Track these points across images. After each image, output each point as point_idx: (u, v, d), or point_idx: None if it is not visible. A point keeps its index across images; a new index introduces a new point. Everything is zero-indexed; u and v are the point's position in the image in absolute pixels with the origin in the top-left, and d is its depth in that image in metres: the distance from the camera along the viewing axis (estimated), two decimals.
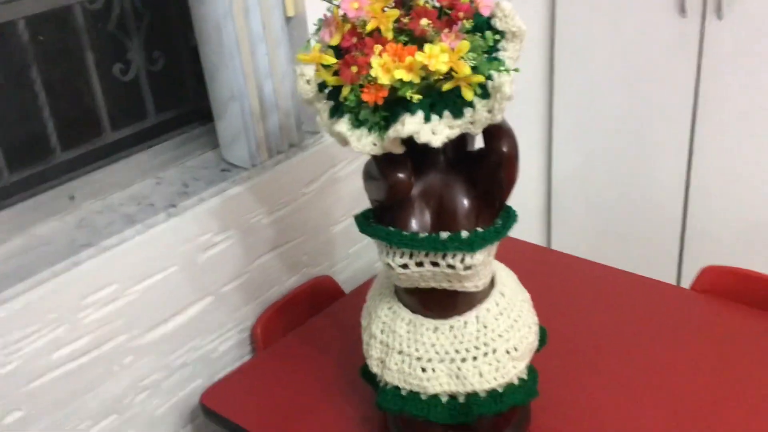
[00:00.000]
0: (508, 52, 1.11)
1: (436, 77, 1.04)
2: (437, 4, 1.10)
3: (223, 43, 1.53)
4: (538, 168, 2.62)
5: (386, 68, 1.03)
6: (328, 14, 1.11)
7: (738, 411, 1.38)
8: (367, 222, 1.24)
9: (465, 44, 1.02)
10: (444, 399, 1.29)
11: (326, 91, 1.15)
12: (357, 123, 1.09)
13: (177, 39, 1.81)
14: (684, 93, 2.22)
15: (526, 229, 2.61)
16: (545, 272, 1.82)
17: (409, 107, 1.05)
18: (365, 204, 1.27)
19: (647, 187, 2.40)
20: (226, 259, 1.65)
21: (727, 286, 1.72)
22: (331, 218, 1.88)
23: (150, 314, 1.53)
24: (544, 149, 2.61)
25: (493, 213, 1.22)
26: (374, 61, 1.03)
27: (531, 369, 1.36)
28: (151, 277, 1.52)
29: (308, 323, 1.74)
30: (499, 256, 1.32)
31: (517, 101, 1.18)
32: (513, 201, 1.24)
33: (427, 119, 1.06)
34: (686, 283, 2.38)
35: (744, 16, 2.03)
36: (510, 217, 1.24)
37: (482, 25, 1.10)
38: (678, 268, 2.44)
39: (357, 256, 1.98)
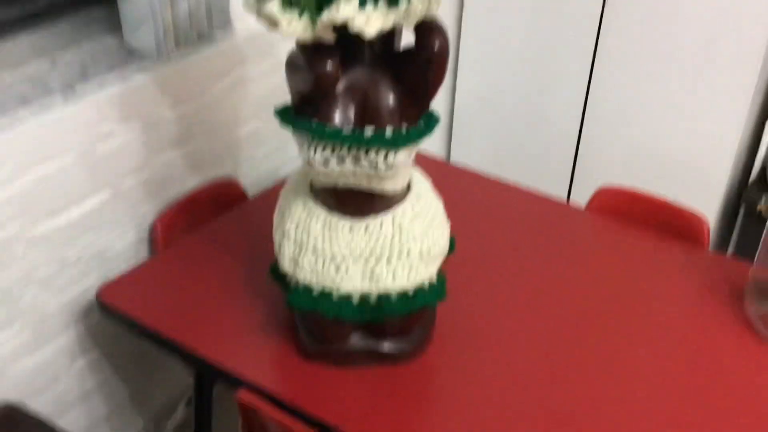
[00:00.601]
0: None
1: None
2: None
3: None
4: (444, 82, 2.62)
5: None
6: None
7: (626, 320, 1.47)
8: (288, 114, 1.20)
9: None
10: (356, 298, 1.30)
11: None
12: (288, 5, 1.04)
13: None
14: (588, 22, 2.27)
15: (426, 143, 2.63)
16: (445, 185, 1.84)
17: None
18: (275, 105, 1.22)
19: (547, 110, 2.46)
20: (127, 151, 1.57)
21: (617, 206, 1.80)
22: (239, 119, 1.81)
23: (45, 203, 1.44)
24: (450, 65, 2.61)
25: (417, 113, 1.21)
26: None
27: (440, 273, 1.38)
28: (45, 162, 1.42)
29: (210, 224, 1.69)
30: None
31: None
32: None
33: (362, 5, 1.02)
34: (576, 199, 2.49)
35: None
36: (432, 119, 1.23)
37: None
38: (569, 186, 2.54)
39: (262, 161, 1.93)
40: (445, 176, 1.89)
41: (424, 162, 1.92)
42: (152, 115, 1.59)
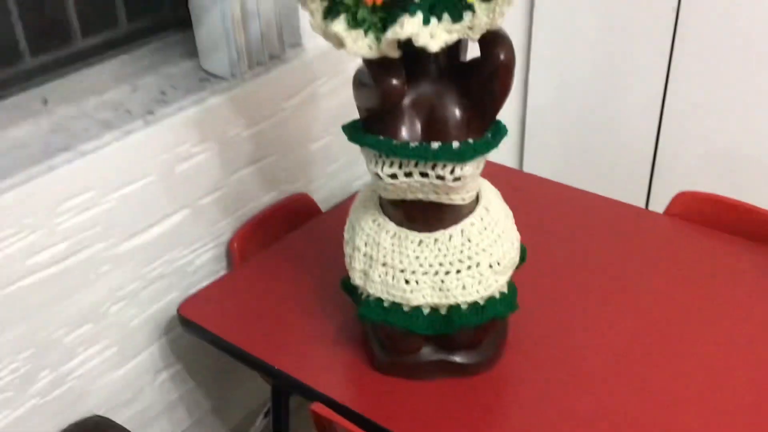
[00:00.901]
0: None
1: None
2: None
3: None
4: (514, 92, 2.61)
5: None
6: None
7: (710, 331, 1.42)
8: (356, 130, 1.22)
9: None
10: (426, 311, 1.30)
11: None
12: (353, 23, 1.06)
13: None
14: (664, 20, 2.22)
15: (498, 152, 2.62)
16: (518, 194, 1.82)
17: (408, 8, 1.03)
18: (345, 121, 1.25)
19: (622, 113, 2.41)
20: (204, 171, 1.62)
21: (698, 211, 1.75)
22: (311, 135, 1.85)
23: (127, 223, 1.50)
24: (521, 73, 2.60)
25: (483, 125, 1.21)
26: None
27: (511, 284, 1.37)
28: (128, 185, 1.48)
29: (285, 239, 1.73)
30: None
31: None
32: None
33: (426, 22, 1.03)
34: (654, 207, 2.43)
35: None
36: (500, 130, 1.23)
37: None
38: (647, 193, 2.48)
39: (335, 175, 1.96)
40: (518, 184, 1.88)
41: (496, 171, 1.90)
42: (227, 135, 1.64)
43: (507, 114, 2.54)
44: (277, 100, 1.73)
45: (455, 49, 1.20)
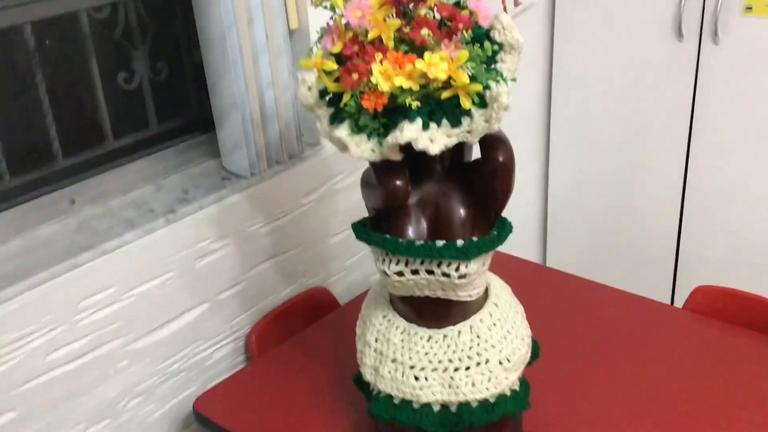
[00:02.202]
0: (506, 64, 1.13)
1: (435, 85, 1.06)
2: (438, 15, 1.12)
3: (227, 52, 1.56)
4: (534, 186, 2.64)
5: (386, 75, 1.05)
6: (331, 22, 1.14)
7: (730, 427, 1.39)
8: (364, 229, 1.26)
9: (464, 53, 1.04)
10: (436, 408, 1.30)
11: (327, 98, 1.17)
12: (356, 129, 1.11)
13: (180, 51, 1.83)
14: (680, 115, 2.25)
15: (522, 246, 2.63)
16: (540, 289, 1.83)
17: (408, 115, 1.07)
18: (362, 216, 1.29)
19: (643, 207, 2.42)
20: (223, 266, 1.67)
21: (717, 306, 1.73)
22: (328, 230, 1.89)
23: (146, 319, 1.54)
24: (540, 167, 2.63)
25: (488, 223, 1.24)
26: (375, 68, 1.05)
27: (523, 381, 1.36)
28: (148, 282, 1.53)
29: (303, 333, 1.75)
30: (495, 271, 1.33)
31: (514, 120, 1.19)
32: (510, 218, 1.26)
33: (425, 127, 1.08)
34: (679, 302, 2.40)
35: (738, 41, 2.07)
36: (505, 227, 1.25)
37: (481, 36, 1.12)
38: (672, 287, 2.46)
39: (353, 269, 1.99)
40: (538, 279, 1.88)
41: (518, 265, 1.92)
42: (246, 231, 1.69)
43: (528, 208, 2.57)
44: (295, 196, 1.78)
45: (458, 149, 1.24)
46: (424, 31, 1.07)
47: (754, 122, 2.11)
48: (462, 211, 1.22)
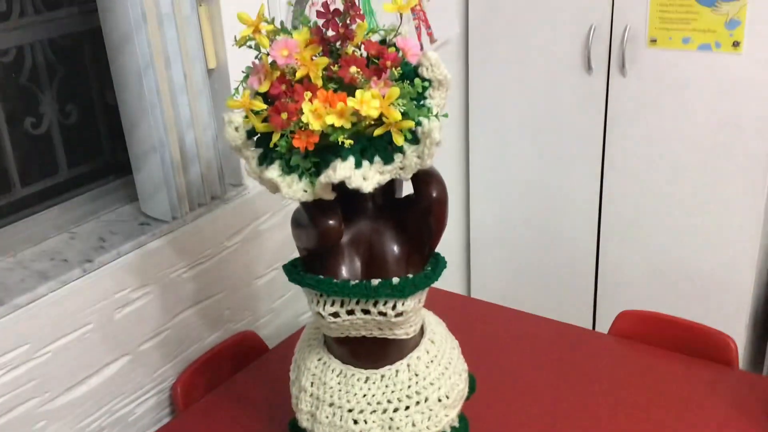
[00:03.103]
0: (435, 100, 1.13)
1: (366, 123, 1.05)
2: (365, 53, 1.11)
3: (143, 93, 1.51)
4: (456, 218, 2.66)
5: (317, 114, 1.03)
6: (257, 62, 1.11)
7: None
8: (295, 270, 1.23)
9: (395, 90, 1.03)
10: None
11: (255, 138, 1.14)
12: (287, 169, 1.09)
13: (91, 93, 1.76)
14: (592, 144, 2.32)
15: (445, 278, 2.64)
16: (467, 321, 1.83)
17: (340, 153, 1.06)
18: (288, 257, 1.26)
19: (561, 235, 2.48)
20: (145, 315, 1.59)
21: (641, 330, 1.77)
22: (254, 272, 1.84)
23: (64, 376, 1.45)
24: (462, 199, 2.66)
25: (422, 259, 1.23)
26: (305, 107, 1.03)
27: (462, 417, 1.35)
28: (65, 337, 1.44)
29: (231, 380, 1.69)
30: (429, 307, 1.32)
31: (435, 155, 1.19)
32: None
33: (357, 165, 1.06)
34: (601, 326, 2.45)
35: (645, 73, 2.16)
36: (439, 263, 1.25)
37: (410, 73, 1.12)
38: (593, 312, 2.51)
39: (281, 310, 1.95)
40: (465, 311, 1.88)
41: (443, 298, 1.92)
42: (168, 277, 1.63)
43: (451, 241, 2.59)
44: (219, 239, 1.73)
45: (389, 186, 1.23)
46: (353, 69, 1.07)
47: (661, 149, 2.20)
48: (396, 249, 1.21)
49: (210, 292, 1.74)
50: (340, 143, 1.04)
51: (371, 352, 1.26)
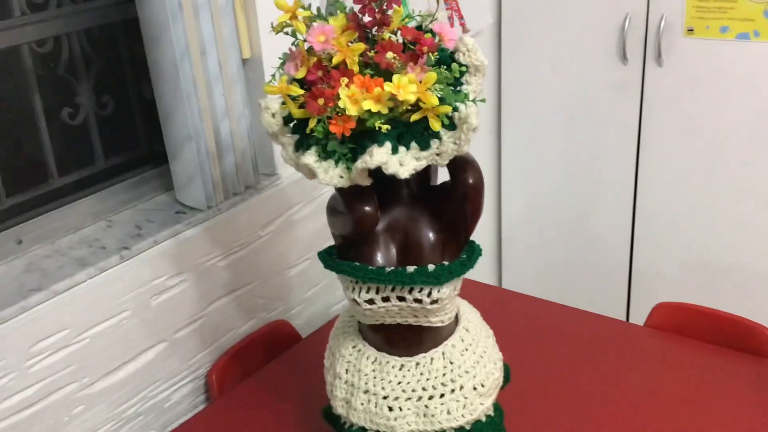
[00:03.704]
0: (471, 86, 1.12)
1: (403, 108, 1.05)
2: (401, 39, 1.11)
3: (179, 83, 1.52)
4: (488, 208, 2.65)
5: (354, 99, 1.03)
6: (294, 48, 1.12)
7: None
8: (331, 258, 1.23)
9: (432, 75, 1.03)
10: None
11: (291, 124, 1.15)
12: (324, 155, 1.09)
13: (126, 84, 1.78)
14: (627, 136, 2.29)
15: (477, 270, 2.63)
16: (500, 311, 1.83)
17: (376, 139, 1.06)
18: (321, 246, 1.26)
19: (595, 227, 2.45)
20: (181, 303, 1.61)
21: (677, 322, 1.75)
22: (288, 261, 1.85)
23: (101, 362, 1.47)
24: (493, 191, 2.65)
25: (458, 246, 1.22)
26: (342, 92, 1.03)
27: (497, 406, 1.34)
28: (103, 323, 1.46)
29: (265, 369, 1.70)
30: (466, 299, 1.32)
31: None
32: None
33: (394, 151, 1.06)
34: (634, 319, 2.42)
35: (681, 64, 2.12)
36: (474, 250, 1.24)
37: (446, 59, 1.12)
38: (627, 305, 2.48)
39: (313, 300, 1.95)
40: (498, 302, 1.88)
41: (475, 289, 1.90)
42: (203, 266, 1.64)
43: (483, 231, 2.58)
44: (253, 228, 1.74)
45: (426, 174, 1.23)
46: (390, 55, 1.06)
47: (698, 141, 2.17)
48: (431, 236, 1.20)
49: (244, 281, 1.75)
50: (376, 128, 1.04)
51: (406, 339, 1.26)
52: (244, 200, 1.71)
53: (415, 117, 1.05)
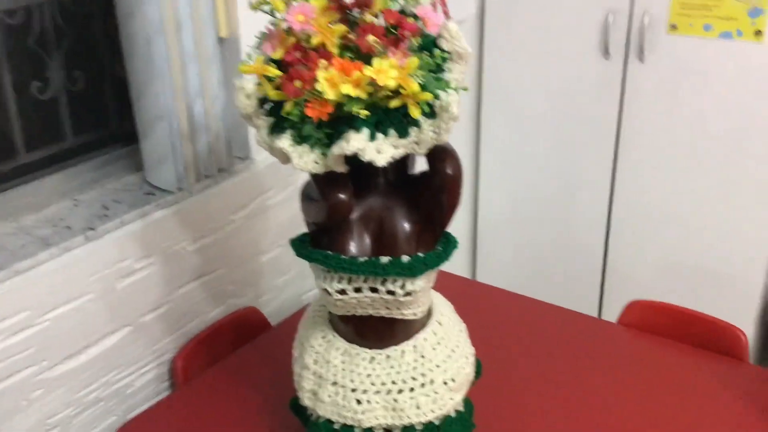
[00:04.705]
0: (453, 74, 1.09)
1: (382, 94, 1.01)
2: (383, 22, 1.08)
3: (153, 59, 1.47)
4: (464, 202, 2.63)
5: (333, 83, 0.99)
6: (272, 27, 1.08)
7: None
8: (303, 245, 1.19)
9: (414, 61, 1.00)
10: None
11: (266, 106, 1.11)
12: (299, 139, 1.05)
13: (100, 60, 1.73)
14: (606, 132, 2.28)
15: (451, 262, 2.61)
16: (472, 305, 1.80)
17: (354, 124, 1.02)
18: (295, 233, 1.23)
19: (570, 222, 2.44)
20: (147, 287, 1.56)
21: (649, 320, 1.74)
22: (260, 247, 1.81)
23: (62, 345, 1.43)
24: (471, 183, 2.63)
25: (433, 238, 1.19)
26: (321, 74, 1.00)
27: (467, 401, 1.32)
28: (65, 305, 1.42)
29: (232, 356, 1.66)
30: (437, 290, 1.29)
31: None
32: None
33: (372, 137, 1.03)
34: (606, 317, 2.42)
35: (663, 60, 2.11)
36: (450, 242, 1.21)
37: (429, 45, 1.08)
38: (599, 302, 2.48)
39: (285, 288, 1.92)
40: (471, 295, 1.86)
41: (449, 281, 1.88)
42: (172, 249, 1.60)
43: (459, 224, 2.55)
44: (225, 212, 1.70)
45: (403, 162, 1.20)
46: (371, 38, 1.03)
47: (678, 139, 2.16)
48: (407, 226, 1.17)
49: (213, 267, 1.71)
50: (354, 114, 1.00)
51: (377, 331, 1.23)
52: (217, 183, 1.67)
53: (394, 103, 1.02)
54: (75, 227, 1.46)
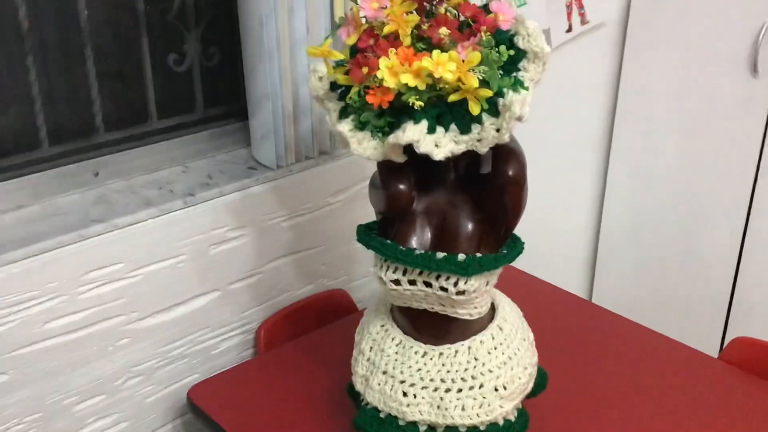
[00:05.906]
0: (528, 73, 1.06)
1: (446, 87, 1.00)
2: (461, 16, 1.06)
3: (263, 41, 1.53)
4: (587, 218, 2.52)
5: (393, 71, 1.00)
6: (349, 13, 1.09)
7: None
8: (366, 231, 1.21)
9: (476, 56, 0.98)
10: (422, 429, 1.23)
11: (338, 91, 1.13)
12: (360, 125, 1.06)
13: (234, 38, 1.82)
14: (748, 155, 2.11)
15: (569, 279, 2.53)
16: (579, 323, 1.73)
17: (414, 115, 1.02)
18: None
19: (698, 251, 2.28)
20: (238, 256, 1.64)
21: (754, 359, 1.60)
22: (354, 233, 1.84)
23: (153, 299, 1.52)
24: (596, 198, 2.52)
25: (498, 240, 1.17)
26: (382, 62, 1.00)
27: (521, 411, 1.28)
28: (159, 262, 1.51)
29: (313, 334, 1.71)
30: (538, 301, 1.24)
31: (573, 150, 1.08)
32: (557, 247, 1.17)
33: (431, 130, 1.02)
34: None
35: None
36: (516, 247, 1.18)
37: (504, 41, 1.06)
38: (722, 336, 2.30)
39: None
40: (581, 314, 1.76)
41: (561, 296, 1.80)
42: (266, 224, 1.66)
43: (579, 242, 2.46)
44: (323, 194, 1.75)
45: (476, 159, 1.17)
46: (443, 31, 1.02)
47: None
48: (469, 225, 1.16)
49: (306, 245, 1.76)
50: (411, 104, 1.00)
51: (433, 327, 1.22)
52: (318, 165, 1.71)
53: (453, 98, 1.00)
54: (177, 192, 1.56)
